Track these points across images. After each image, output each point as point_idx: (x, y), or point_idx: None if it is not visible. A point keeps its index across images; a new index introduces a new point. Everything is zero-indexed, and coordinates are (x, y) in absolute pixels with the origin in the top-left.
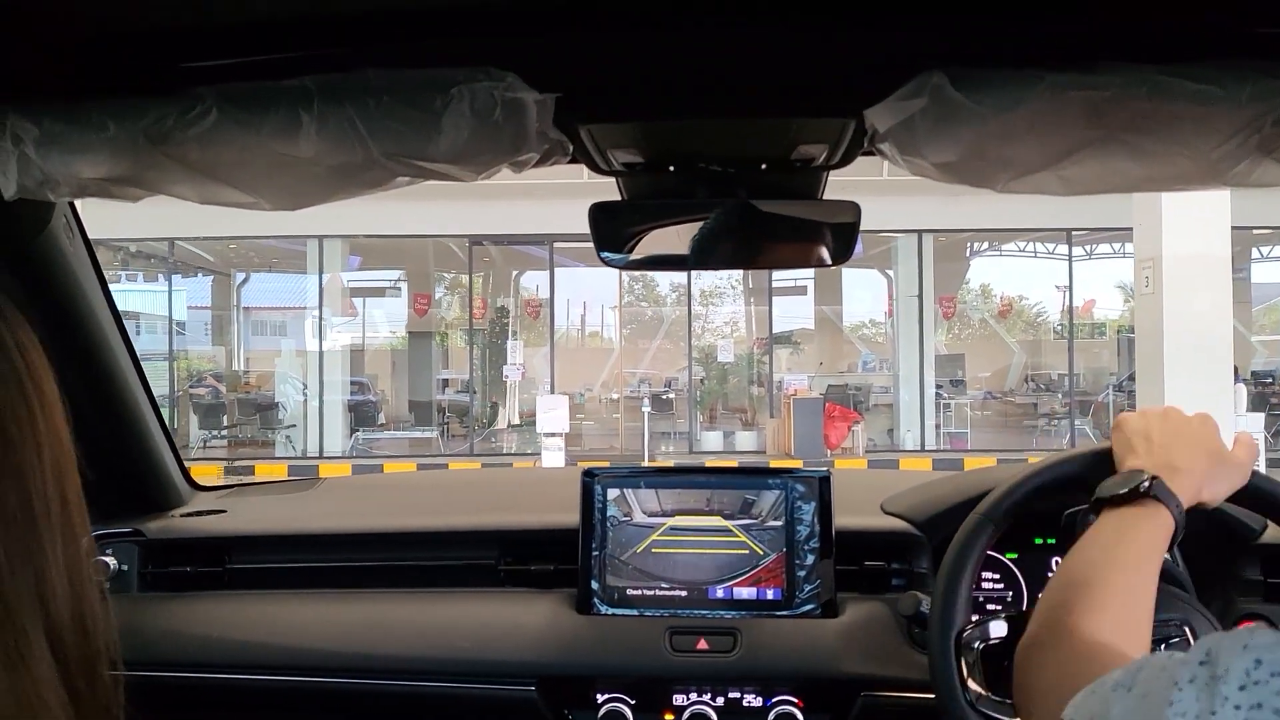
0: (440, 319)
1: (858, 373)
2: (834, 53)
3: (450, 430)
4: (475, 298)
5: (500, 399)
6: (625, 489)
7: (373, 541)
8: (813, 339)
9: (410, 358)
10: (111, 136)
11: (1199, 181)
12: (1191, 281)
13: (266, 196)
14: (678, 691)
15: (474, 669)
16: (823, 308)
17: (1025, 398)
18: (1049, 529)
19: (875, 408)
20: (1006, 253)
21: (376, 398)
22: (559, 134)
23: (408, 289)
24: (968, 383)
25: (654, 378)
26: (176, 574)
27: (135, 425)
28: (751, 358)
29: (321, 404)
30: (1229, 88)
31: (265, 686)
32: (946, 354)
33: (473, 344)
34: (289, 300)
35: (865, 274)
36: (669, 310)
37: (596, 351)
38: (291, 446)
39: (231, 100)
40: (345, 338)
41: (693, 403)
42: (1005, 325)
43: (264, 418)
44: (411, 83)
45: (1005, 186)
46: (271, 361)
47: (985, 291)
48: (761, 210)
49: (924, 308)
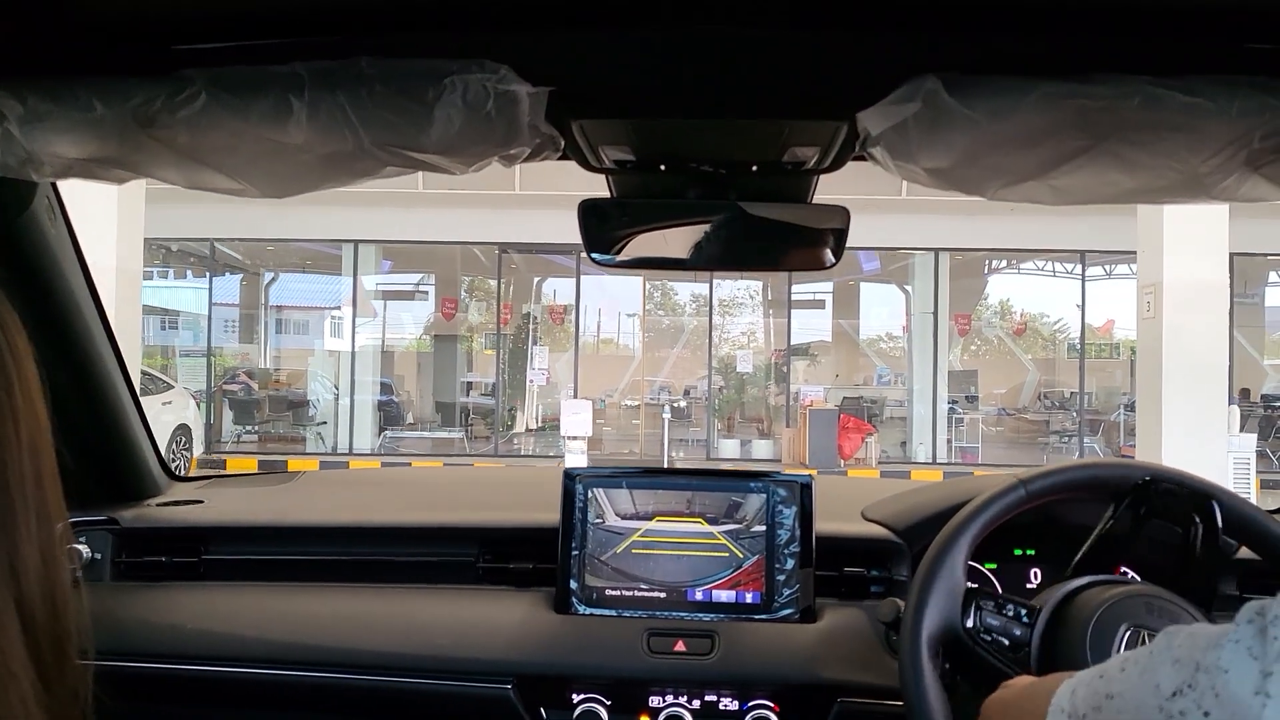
0: (466, 323)
1: (873, 386)
2: (828, 56)
3: (474, 432)
4: (501, 304)
5: (520, 403)
6: (606, 490)
7: (351, 535)
8: (830, 351)
9: (436, 360)
10: (98, 117)
11: (1187, 195)
12: (1190, 307)
13: (254, 183)
14: (654, 693)
15: (450, 666)
16: (840, 321)
17: (1038, 415)
18: (1029, 540)
19: (889, 420)
20: (1025, 271)
21: (400, 399)
22: (550, 128)
23: (435, 293)
24: (982, 399)
25: (673, 386)
26: (151, 564)
27: (113, 413)
28: (770, 368)
29: (352, 403)
30: (1219, 102)
31: (238, 679)
32: (961, 370)
33: (500, 348)
34: (318, 300)
35: (882, 289)
36: (689, 320)
37: (617, 359)
38: (322, 442)
39: (221, 84)
40: (374, 339)
41: (711, 411)
42: (1021, 343)
43: (296, 414)
44: (404, 72)
45: (996, 194)
46: (299, 360)
47: (1004, 308)
48: (751, 213)
49: (939, 324)
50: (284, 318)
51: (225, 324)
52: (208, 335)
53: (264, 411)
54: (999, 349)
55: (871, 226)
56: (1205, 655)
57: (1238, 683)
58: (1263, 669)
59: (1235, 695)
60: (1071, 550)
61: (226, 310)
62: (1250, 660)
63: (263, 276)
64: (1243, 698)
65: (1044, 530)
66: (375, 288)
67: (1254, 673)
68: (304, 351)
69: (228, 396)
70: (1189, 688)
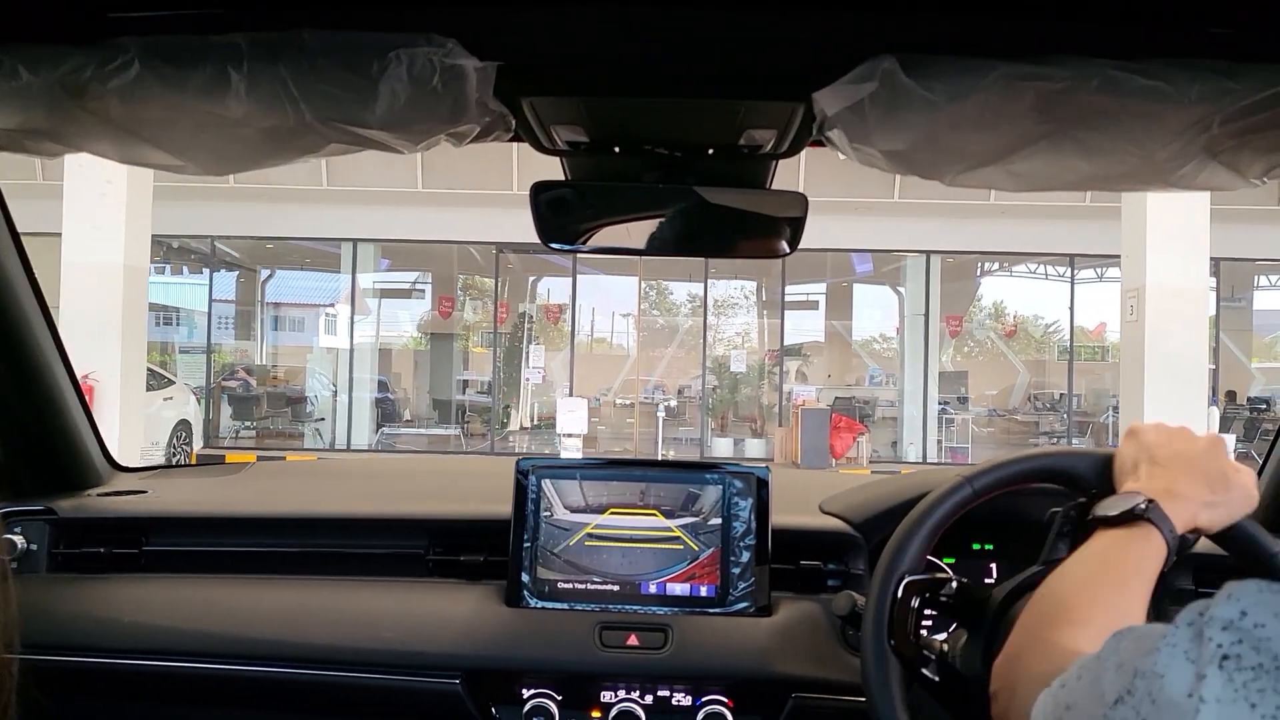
0: (462, 322)
1: (865, 386)
2: (784, 34)
3: (470, 429)
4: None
5: (515, 401)
6: (559, 481)
7: (297, 526)
8: (823, 352)
9: (432, 358)
10: (23, 85)
11: (1146, 182)
12: (1172, 312)
13: (193, 159)
14: (606, 688)
15: (398, 660)
16: (833, 322)
17: (1027, 416)
18: (987, 535)
19: (881, 420)
20: (1017, 274)
21: (397, 396)
22: (500, 105)
23: (431, 292)
24: (974, 400)
25: (667, 385)
26: (89, 555)
27: (52, 402)
28: (763, 368)
29: (351, 399)
30: (1178, 85)
31: (177, 673)
32: (952, 371)
33: (496, 347)
34: (316, 298)
35: (875, 290)
36: (683, 320)
37: (612, 358)
38: (320, 438)
39: (156, 54)
40: (371, 337)
41: (705, 410)
42: (1013, 345)
43: (294, 410)
44: (348, 45)
45: (954, 179)
46: (298, 357)
47: (997, 310)
48: (708, 199)
49: (930, 326)
50: (281, 315)
51: (223, 320)
52: (207, 331)
53: (262, 407)
54: (990, 350)
55: (864, 229)
56: (1143, 660)
57: (1173, 686)
58: (1198, 671)
59: (1171, 699)
60: (1029, 544)
61: (225, 307)
62: (1186, 664)
63: (259, 273)
64: (1178, 701)
65: (1002, 525)
66: (373, 286)
67: (1189, 675)
68: (302, 349)
69: (226, 392)
70: (1129, 694)
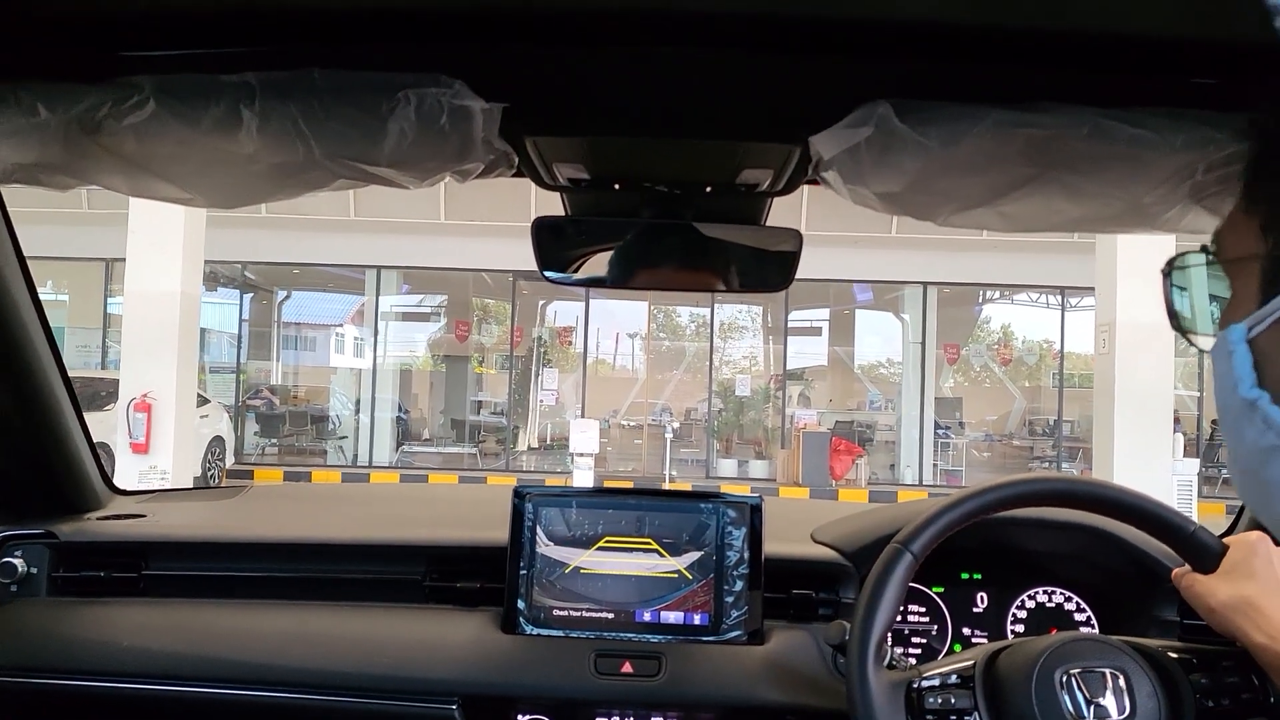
0: (478, 344)
1: (865, 410)
2: (782, 79)
3: (485, 448)
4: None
5: (522, 423)
6: (556, 509)
7: (295, 551)
8: (825, 376)
9: (448, 379)
10: (42, 121)
11: (1132, 224)
12: (1140, 345)
13: (202, 192)
14: (600, 715)
15: (395, 685)
16: (835, 348)
17: (1023, 441)
18: (975, 564)
19: (880, 444)
20: (1017, 302)
21: (415, 415)
22: (504, 144)
23: (447, 316)
24: (971, 425)
25: (674, 408)
26: (89, 578)
27: (52, 424)
28: (767, 392)
29: (373, 419)
30: (1164, 134)
31: (174, 697)
32: (950, 396)
33: (512, 369)
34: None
35: (876, 317)
36: (690, 344)
37: (621, 380)
38: (343, 455)
39: (170, 92)
40: (392, 359)
41: (710, 432)
42: (1009, 372)
43: (318, 429)
44: (357, 84)
45: (947, 220)
46: (321, 377)
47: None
48: (705, 234)
49: (926, 354)
50: (303, 335)
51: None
52: (238, 351)
53: (286, 425)
54: (990, 377)
55: (862, 260)
56: None
57: None
58: None
59: None
60: (1017, 573)
61: (257, 328)
62: None
63: (275, 295)
64: None
65: (990, 554)
66: (392, 309)
67: None
68: (325, 369)
69: (252, 411)
70: None
